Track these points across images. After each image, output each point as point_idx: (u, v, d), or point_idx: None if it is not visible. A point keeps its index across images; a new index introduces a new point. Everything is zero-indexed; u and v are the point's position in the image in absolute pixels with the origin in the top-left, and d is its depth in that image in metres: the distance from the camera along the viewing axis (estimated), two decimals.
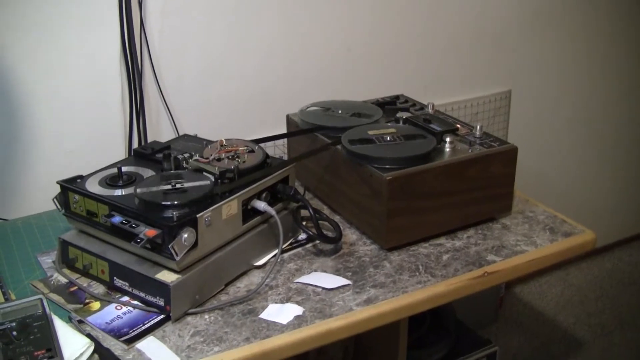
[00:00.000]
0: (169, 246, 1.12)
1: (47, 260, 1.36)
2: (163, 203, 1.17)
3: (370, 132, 1.48)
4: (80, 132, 1.63)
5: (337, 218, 1.51)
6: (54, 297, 1.23)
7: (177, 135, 1.70)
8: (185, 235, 1.13)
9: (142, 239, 1.13)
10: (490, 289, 2.39)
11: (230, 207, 1.24)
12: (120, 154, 1.68)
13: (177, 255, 1.12)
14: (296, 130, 1.60)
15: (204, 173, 1.29)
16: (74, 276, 1.29)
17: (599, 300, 2.68)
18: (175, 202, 1.17)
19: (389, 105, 1.71)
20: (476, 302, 2.36)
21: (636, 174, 2.95)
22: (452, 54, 2.18)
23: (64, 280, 1.29)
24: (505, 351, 2.37)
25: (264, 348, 1.12)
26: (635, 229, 3.10)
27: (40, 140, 1.59)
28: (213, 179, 1.26)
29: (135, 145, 1.68)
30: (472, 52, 2.22)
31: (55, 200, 1.31)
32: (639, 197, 3.02)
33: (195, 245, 1.17)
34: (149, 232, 1.14)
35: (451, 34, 2.15)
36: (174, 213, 1.15)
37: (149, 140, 1.69)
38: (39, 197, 1.58)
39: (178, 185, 1.22)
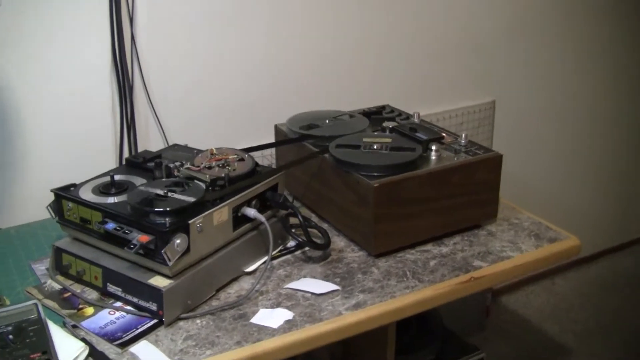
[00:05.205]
0: (162, 252, 1.14)
1: (41, 267, 1.38)
2: (156, 210, 1.19)
3: (358, 141, 1.51)
4: (71, 142, 1.65)
5: (325, 226, 1.53)
6: (48, 303, 1.25)
7: (166, 145, 1.72)
8: (178, 241, 1.16)
9: (135, 245, 1.16)
10: (477, 298, 2.44)
11: (221, 213, 1.26)
12: (111, 163, 1.70)
13: (169, 260, 1.15)
14: (284, 139, 1.63)
15: (195, 181, 1.31)
16: (67, 282, 1.31)
17: (583, 308, 2.72)
18: (168, 209, 1.19)
19: (375, 115, 1.74)
20: (463, 311, 2.38)
21: (620, 184, 2.99)
22: (437, 65, 2.21)
23: (57, 286, 1.30)
24: (492, 359, 2.39)
25: (255, 351, 1.14)
26: (618, 238, 3.14)
27: (31, 151, 1.61)
28: (204, 187, 1.29)
29: (125, 155, 1.71)
30: (456, 63, 2.25)
31: (49, 208, 1.33)
32: (621, 207, 3.06)
33: (187, 251, 1.19)
34: (142, 238, 1.17)
35: (436, 46, 2.19)
36: (167, 219, 1.18)
37: (139, 150, 1.72)
38: (31, 207, 1.60)
39: (170, 193, 1.25)
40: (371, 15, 2.02)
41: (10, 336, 1.08)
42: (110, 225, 1.22)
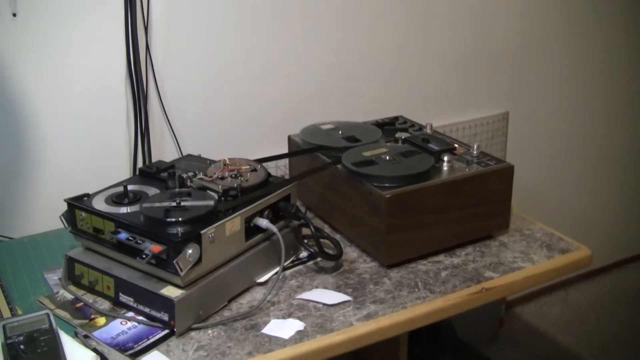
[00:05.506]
0: (174, 262, 1.14)
1: (54, 277, 1.38)
2: (168, 220, 1.20)
3: (370, 152, 1.51)
4: (85, 151, 1.66)
5: (337, 236, 1.53)
6: (60, 312, 1.26)
7: (180, 155, 1.73)
8: (190, 251, 1.16)
9: (147, 255, 1.16)
10: (490, 308, 2.43)
11: (233, 224, 1.26)
12: (125, 173, 1.71)
13: (181, 270, 1.15)
14: (297, 150, 1.64)
15: (208, 191, 1.32)
16: (79, 292, 1.31)
17: (598, 320, 2.70)
18: (180, 219, 1.20)
19: (388, 126, 1.74)
20: (477, 322, 2.38)
21: (633, 195, 2.97)
22: (450, 76, 2.21)
23: (69, 296, 1.31)
24: None
25: None
26: (633, 250, 3.12)
27: (45, 160, 1.63)
28: (216, 197, 1.29)
29: (139, 164, 1.72)
30: (469, 75, 2.26)
31: (62, 217, 1.34)
32: (634, 219, 3.04)
33: (199, 261, 1.19)
34: (154, 248, 1.17)
35: (449, 57, 2.19)
36: (179, 229, 1.18)
37: (154, 160, 1.72)
38: (44, 216, 1.60)
39: (182, 203, 1.25)
40: (384, 25, 2.03)
41: (22, 346, 1.09)
42: (123, 235, 1.22)
